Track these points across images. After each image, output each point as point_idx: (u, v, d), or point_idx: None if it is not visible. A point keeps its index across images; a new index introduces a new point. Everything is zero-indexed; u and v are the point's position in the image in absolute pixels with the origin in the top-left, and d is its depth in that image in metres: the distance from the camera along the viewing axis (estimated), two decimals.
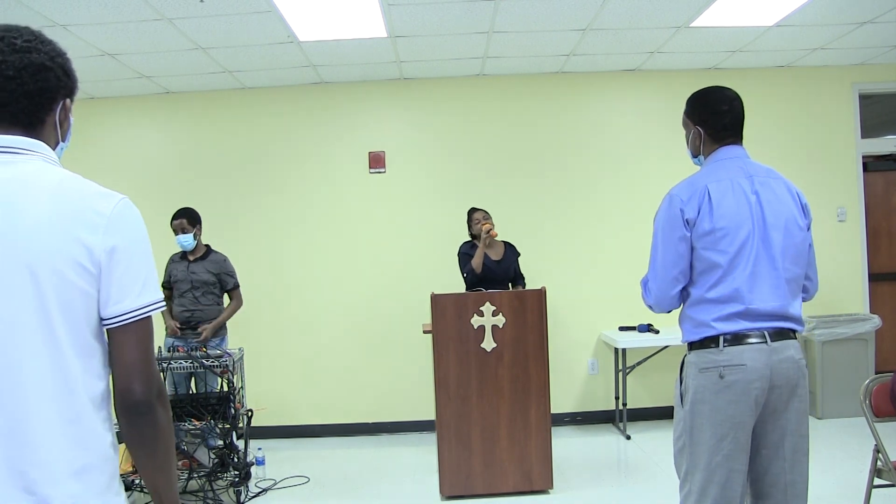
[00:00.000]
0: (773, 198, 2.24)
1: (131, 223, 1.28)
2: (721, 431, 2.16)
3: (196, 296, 4.58)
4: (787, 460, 2.18)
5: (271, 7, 4.02)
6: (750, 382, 2.14)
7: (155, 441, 1.27)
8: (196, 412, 4.05)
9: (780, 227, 2.21)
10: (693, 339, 2.26)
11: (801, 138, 5.79)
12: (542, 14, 4.37)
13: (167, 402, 1.30)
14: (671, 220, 2.25)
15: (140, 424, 1.25)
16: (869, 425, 2.98)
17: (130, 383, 1.23)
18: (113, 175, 5.71)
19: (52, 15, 3.90)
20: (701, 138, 2.38)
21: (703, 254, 2.21)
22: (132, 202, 1.31)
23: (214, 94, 5.72)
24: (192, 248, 4.60)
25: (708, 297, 2.20)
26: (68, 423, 1.19)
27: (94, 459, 1.22)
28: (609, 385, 5.68)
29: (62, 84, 1.32)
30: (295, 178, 5.75)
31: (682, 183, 2.31)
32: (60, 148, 1.37)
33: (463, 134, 5.78)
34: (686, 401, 2.25)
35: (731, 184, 2.24)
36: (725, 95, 2.38)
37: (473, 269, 4.76)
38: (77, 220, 1.21)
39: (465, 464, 4.07)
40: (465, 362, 4.07)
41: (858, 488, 3.28)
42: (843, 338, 5.35)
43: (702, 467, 2.19)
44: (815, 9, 4.45)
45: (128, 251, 1.25)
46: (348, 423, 5.71)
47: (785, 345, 2.19)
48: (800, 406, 2.21)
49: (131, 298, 1.24)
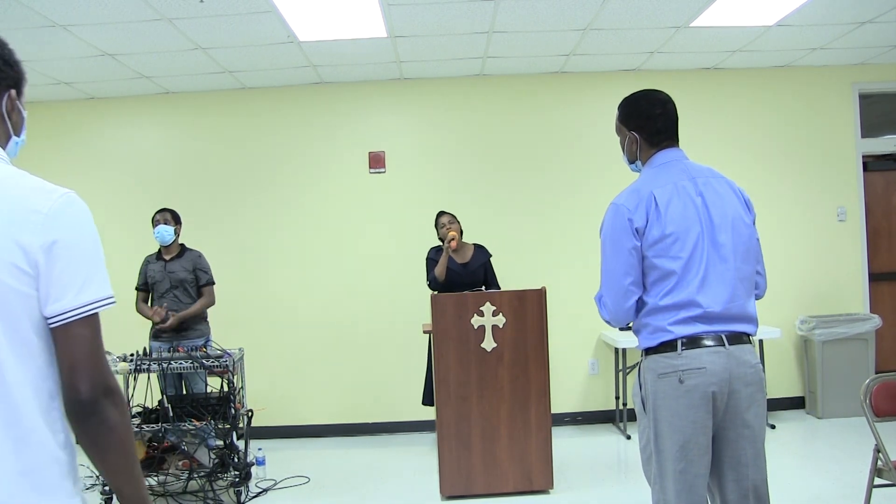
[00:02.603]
0: (717, 198, 2.22)
1: (71, 219, 1.22)
2: (683, 437, 2.14)
3: (177, 294, 4.58)
4: (749, 466, 2.17)
5: (271, 7, 4.02)
6: (709, 386, 2.11)
7: (106, 442, 1.22)
8: (196, 412, 4.05)
9: (728, 227, 2.19)
10: (650, 346, 2.22)
11: (801, 138, 5.79)
12: (542, 14, 4.37)
13: (120, 402, 1.24)
14: (619, 230, 2.20)
15: (87, 425, 1.20)
16: (869, 425, 2.98)
17: (74, 383, 1.19)
18: (113, 175, 5.73)
19: (52, 15, 3.89)
20: (637, 143, 2.33)
21: (656, 262, 2.17)
22: (78, 197, 1.25)
23: (214, 95, 5.72)
24: (169, 243, 4.60)
25: (662, 304, 2.17)
26: (8, 425, 1.16)
27: (40, 460, 1.19)
28: (609, 385, 5.68)
29: (3, 75, 1.27)
30: (295, 178, 5.75)
31: (625, 191, 2.26)
32: (15, 143, 1.33)
33: (463, 134, 5.78)
34: (648, 408, 2.23)
35: (675, 187, 2.20)
36: (658, 98, 2.33)
37: (437, 276, 4.69)
38: (13, 221, 1.17)
39: (466, 464, 4.07)
40: (465, 362, 4.07)
41: (859, 488, 3.28)
42: (843, 337, 5.35)
43: (668, 474, 2.18)
44: (815, 9, 4.45)
45: (66, 248, 1.20)
46: (349, 423, 5.71)
47: (741, 349, 2.17)
48: (759, 411, 2.19)
49: (70, 297, 1.19)
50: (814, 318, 5.46)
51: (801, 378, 5.74)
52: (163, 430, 4.04)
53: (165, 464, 4.13)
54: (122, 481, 1.26)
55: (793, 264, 5.73)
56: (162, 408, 4.04)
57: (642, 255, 2.19)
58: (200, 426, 4.02)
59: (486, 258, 4.95)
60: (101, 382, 1.21)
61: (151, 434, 4.14)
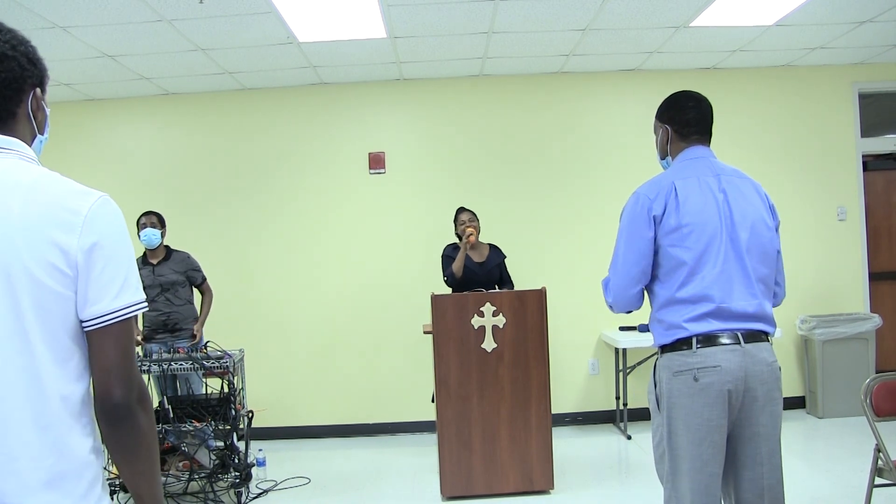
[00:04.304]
0: (739, 197, 2.23)
1: (109, 222, 1.22)
2: (699, 436, 2.14)
3: (168, 297, 4.58)
4: (763, 465, 2.17)
5: (271, 8, 4.02)
6: (724, 384, 2.11)
7: (136, 446, 1.22)
8: (197, 413, 4.05)
9: (748, 227, 2.20)
10: (665, 342, 2.22)
11: (801, 138, 5.79)
12: (542, 14, 4.37)
13: (149, 406, 1.25)
14: (636, 218, 2.23)
15: (120, 429, 1.21)
16: (869, 424, 2.99)
17: (109, 387, 1.19)
18: (113, 176, 5.72)
19: (52, 17, 3.90)
20: (668, 137, 2.37)
21: (670, 251, 2.19)
22: (113, 200, 1.26)
23: (214, 96, 5.73)
24: (156, 245, 4.59)
25: (677, 296, 2.18)
26: (42, 429, 1.15)
27: (71, 466, 1.18)
28: (610, 385, 5.68)
29: (28, 73, 1.26)
30: (295, 179, 5.75)
31: (648, 181, 2.30)
32: (39, 141, 1.33)
33: (463, 134, 5.78)
34: (662, 406, 2.23)
35: (698, 181, 2.23)
36: (693, 95, 2.39)
37: (454, 272, 4.68)
38: (52, 221, 1.16)
39: (466, 464, 4.07)
40: (465, 363, 4.06)
41: (859, 488, 3.28)
42: (843, 337, 5.35)
43: (682, 473, 2.17)
44: (815, 8, 4.45)
45: (105, 251, 1.20)
46: (349, 424, 5.71)
47: (758, 347, 2.16)
48: (774, 409, 2.19)
49: (108, 300, 1.19)
50: (814, 318, 5.46)
51: (801, 378, 5.73)
52: (163, 431, 4.04)
53: (166, 465, 4.12)
54: (144, 486, 1.26)
55: (793, 264, 5.66)
56: (162, 409, 4.04)
57: (657, 244, 2.21)
58: (201, 427, 4.02)
59: (502, 258, 4.96)
60: (135, 387, 1.21)
61: None
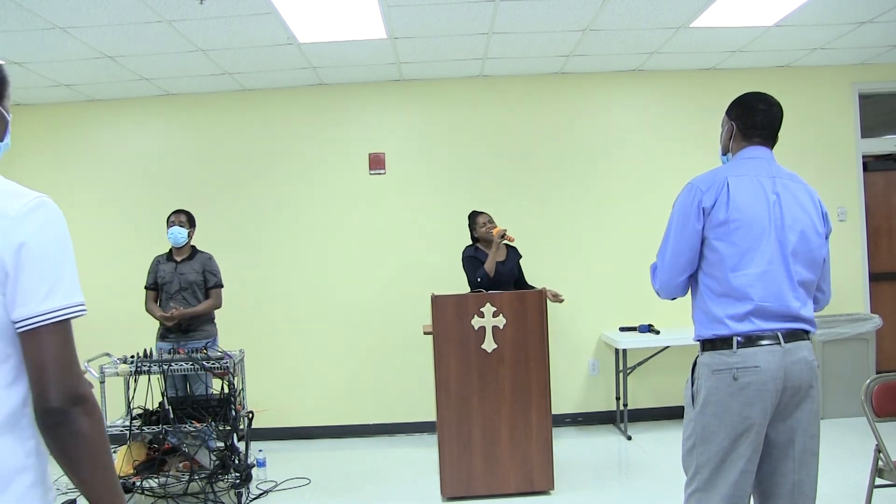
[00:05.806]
0: (792, 201, 2.26)
1: (41, 223, 1.20)
2: (735, 433, 2.16)
3: (185, 296, 4.59)
4: (795, 460, 2.19)
5: (271, 9, 4.02)
6: (764, 384, 2.14)
7: (77, 452, 1.18)
8: (197, 414, 4.05)
9: (797, 231, 2.23)
10: (706, 336, 2.25)
11: (801, 138, 5.78)
12: (542, 15, 4.37)
13: (92, 410, 1.20)
14: (687, 208, 2.27)
15: (54, 434, 1.17)
16: (870, 425, 2.99)
17: (42, 390, 1.16)
18: (113, 177, 5.73)
19: (52, 18, 3.90)
20: (732, 133, 2.40)
21: (716, 244, 2.22)
22: (51, 201, 1.23)
23: (214, 97, 5.73)
24: (182, 244, 4.61)
25: (720, 290, 2.21)
26: None
27: (4, 470, 1.15)
28: (610, 386, 5.68)
29: None
30: (295, 179, 5.75)
31: (704, 174, 2.33)
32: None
33: (463, 135, 5.78)
34: (697, 402, 2.24)
35: (751, 180, 2.26)
36: (765, 98, 2.41)
37: (487, 273, 4.63)
38: None
39: (466, 465, 4.07)
40: (465, 363, 4.07)
41: (860, 488, 3.28)
42: (843, 337, 5.35)
43: (713, 466, 2.19)
44: (815, 9, 4.45)
45: (33, 253, 1.17)
46: (349, 425, 5.71)
47: (798, 346, 2.19)
48: (811, 407, 2.21)
49: (35, 302, 1.17)
50: None
51: None
52: (163, 431, 4.04)
53: (166, 465, 4.13)
54: (97, 494, 1.21)
55: None
56: (163, 409, 4.04)
57: (704, 235, 2.25)
58: (201, 428, 4.02)
59: (518, 258, 4.96)
60: (70, 390, 1.18)
61: (152, 436, 4.15)
